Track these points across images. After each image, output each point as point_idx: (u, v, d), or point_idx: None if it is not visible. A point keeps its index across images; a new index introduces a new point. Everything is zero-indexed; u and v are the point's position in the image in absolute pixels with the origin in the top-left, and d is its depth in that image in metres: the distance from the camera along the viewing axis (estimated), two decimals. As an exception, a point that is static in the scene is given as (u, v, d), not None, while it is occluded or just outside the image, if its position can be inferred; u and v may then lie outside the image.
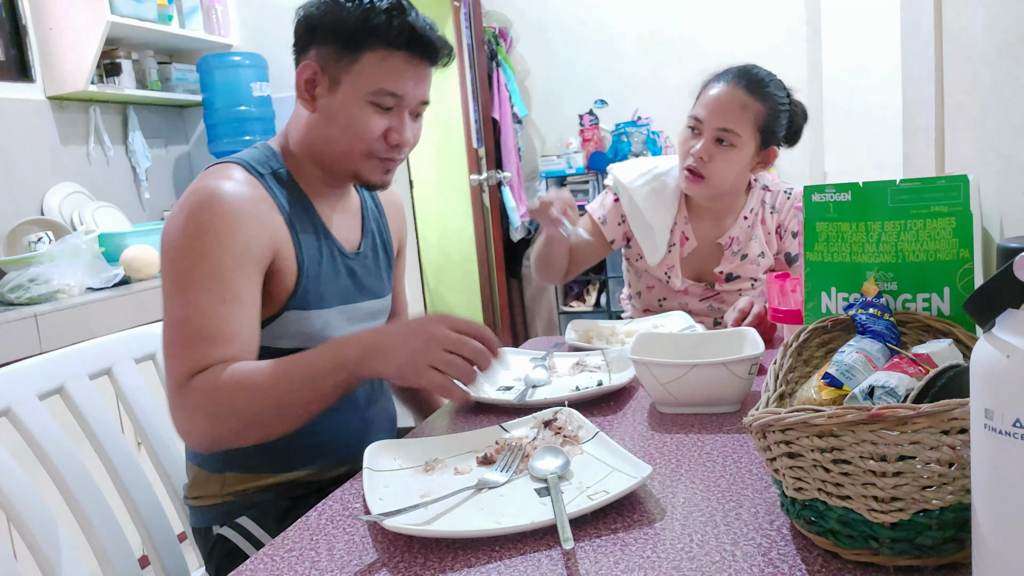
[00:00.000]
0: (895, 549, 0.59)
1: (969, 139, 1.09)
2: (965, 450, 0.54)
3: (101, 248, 2.53)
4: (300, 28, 1.13)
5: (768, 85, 1.52)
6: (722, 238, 1.63)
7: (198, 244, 1.01)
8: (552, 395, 1.12)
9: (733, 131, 1.49)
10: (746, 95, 1.49)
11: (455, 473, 0.88)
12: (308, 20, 1.12)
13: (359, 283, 1.21)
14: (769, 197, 1.64)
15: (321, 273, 1.13)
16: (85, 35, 2.73)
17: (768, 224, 1.64)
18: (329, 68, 1.10)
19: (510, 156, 3.90)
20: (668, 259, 1.65)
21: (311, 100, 1.12)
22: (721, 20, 3.68)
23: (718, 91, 1.52)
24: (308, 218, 1.14)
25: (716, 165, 1.51)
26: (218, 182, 1.05)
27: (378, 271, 1.26)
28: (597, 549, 0.68)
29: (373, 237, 1.26)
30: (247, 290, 1.03)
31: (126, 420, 1.38)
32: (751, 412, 0.64)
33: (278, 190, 1.12)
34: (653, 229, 1.64)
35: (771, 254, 1.64)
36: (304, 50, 1.12)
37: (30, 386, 1.06)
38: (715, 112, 1.50)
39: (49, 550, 0.99)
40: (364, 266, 1.22)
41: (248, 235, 1.03)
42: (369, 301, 1.23)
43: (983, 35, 0.98)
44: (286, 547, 0.75)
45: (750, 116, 1.49)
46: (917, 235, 0.80)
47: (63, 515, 1.04)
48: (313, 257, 1.13)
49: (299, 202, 1.14)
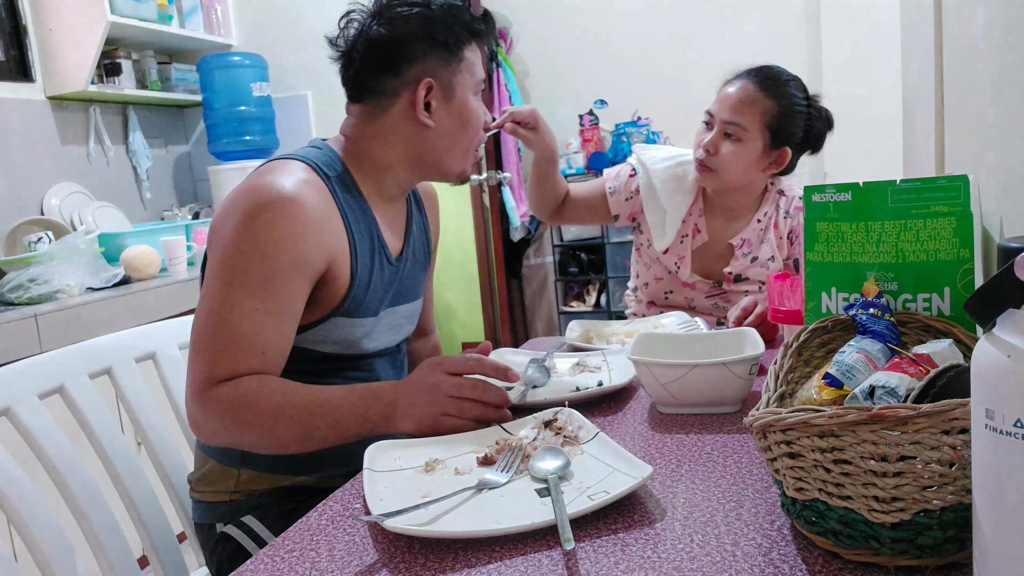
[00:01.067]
0: (896, 549, 0.59)
1: (969, 139, 1.09)
2: (966, 450, 0.54)
3: (101, 248, 2.52)
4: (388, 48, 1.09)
5: (785, 84, 1.54)
6: (734, 238, 1.64)
7: (256, 247, 0.99)
8: (552, 395, 1.12)
9: (739, 124, 1.52)
10: (757, 90, 1.52)
11: (455, 473, 0.88)
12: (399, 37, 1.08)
13: (399, 289, 1.20)
14: (784, 202, 1.65)
15: (371, 282, 1.13)
16: (85, 35, 2.73)
17: (781, 229, 1.64)
18: (441, 77, 1.10)
19: (510, 156, 3.90)
20: (679, 249, 1.66)
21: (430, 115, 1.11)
22: (721, 20, 3.68)
23: (729, 86, 1.56)
24: (366, 226, 1.13)
25: (722, 157, 1.54)
26: (285, 181, 1.02)
27: (415, 275, 1.25)
28: (597, 549, 0.68)
29: (413, 240, 1.25)
30: (293, 303, 1.02)
31: (126, 420, 1.38)
32: (751, 412, 0.64)
33: (342, 194, 1.10)
34: (665, 213, 1.65)
35: (781, 259, 1.64)
36: (397, 68, 1.09)
37: (30, 386, 1.06)
38: (724, 106, 1.54)
39: (49, 550, 0.99)
40: (404, 272, 1.21)
41: (308, 245, 1.01)
42: (404, 305, 1.23)
43: (983, 35, 0.98)
44: (286, 547, 0.75)
45: (758, 111, 1.52)
46: (917, 235, 0.80)
47: (63, 515, 1.04)
48: (366, 266, 1.11)
49: (360, 208, 1.12)
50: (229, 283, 0.99)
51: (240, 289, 0.98)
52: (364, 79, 1.12)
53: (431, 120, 1.12)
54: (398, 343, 1.25)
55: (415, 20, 1.08)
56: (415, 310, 1.27)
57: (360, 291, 1.11)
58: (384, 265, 1.15)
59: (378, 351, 1.19)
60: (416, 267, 1.25)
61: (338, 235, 1.07)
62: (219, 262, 1.00)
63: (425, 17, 1.08)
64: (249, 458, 1.11)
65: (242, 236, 0.99)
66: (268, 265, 0.99)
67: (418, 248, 1.26)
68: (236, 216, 1.00)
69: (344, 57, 1.13)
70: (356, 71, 1.12)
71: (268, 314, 0.99)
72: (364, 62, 1.10)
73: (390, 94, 1.11)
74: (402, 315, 1.23)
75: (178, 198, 3.51)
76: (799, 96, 1.55)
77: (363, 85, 1.12)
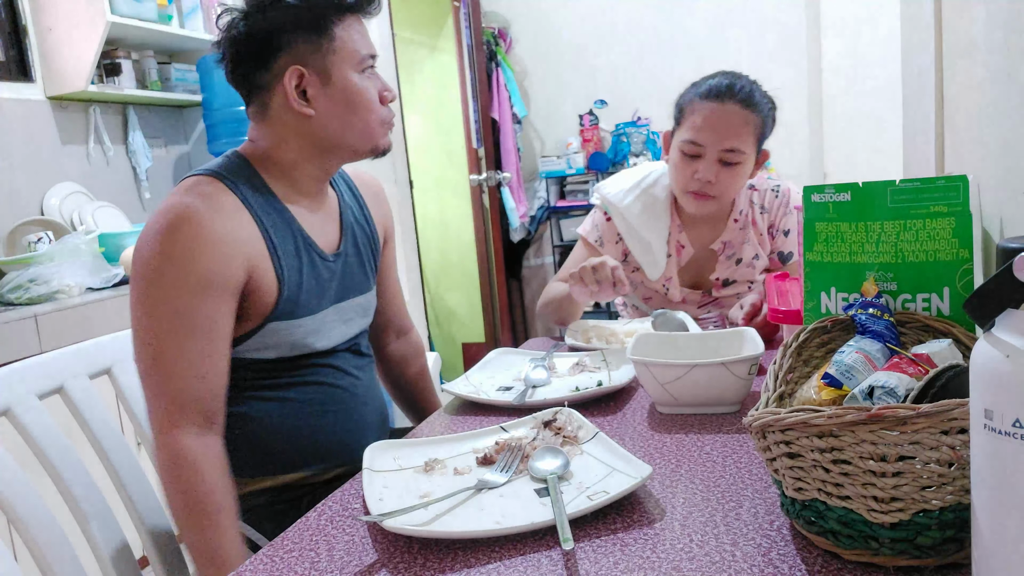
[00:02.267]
0: (895, 549, 0.59)
1: (969, 139, 1.09)
2: (965, 450, 0.54)
3: (101, 248, 2.52)
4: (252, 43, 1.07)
5: (755, 93, 1.48)
6: (715, 243, 1.62)
7: (168, 272, 0.99)
8: (552, 395, 1.12)
9: (739, 150, 1.46)
10: (744, 110, 1.45)
11: (455, 473, 0.88)
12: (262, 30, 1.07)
13: (344, 283, 1.19)
14: (756, 196, 1.61)
15: (303, 281, 1.11)
16: (85, 35, 2.73)
17: (759, 225, 1.61)
18: (313, 62, 1.07)
19: (509, 156, 3.90)
20: (666, 271, 1.63)
21: (308, 103, 1.09)
22: (721, 20, 3.68)
23: (714, 112, 1.46)
24: (286, 226, 1.11)
25: (723, 184, 1.48)
26: (190, 200, 1.02)
27: (361, 267, 1.24)
28: (597, 549, 0.68)
29: (353, 233, 1.23)
30: (216, 321, 1.02)
31: (126, 420, 1.38)
32: (751, 412, 0.64)
33: (254, 200, 1.09)
34: (651, 244, 1.62)
35: (765, 255, 1.62)
36: (265, 61, 1.08)
37: (30, 386, 1.06)
38: (719, 134, 1.45)
39: (49, 550, 0.99)
40: (347, 265, 1.20)
41: (220, 260, 1.01)
42: (355, 299, 1.22)
43: (983, 35, 0.98)
44: (285, 548, 0.75)
45: (751, 131, 1.46)
46: (917, 235, 0.80)
47: (63, 515, 1.04)
48: (293, 267, 1.10)
49: (276, 211, 1.11)
50: (152, 314, 1.01)
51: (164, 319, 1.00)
52: (239, 78, 1.11)
53: (310, 108, 1.09)
54: (355, 335, 1.24)
55: (272, 10, 1.06)
56: (368, 302, 1.26)
57: (292, 292, 1.10)
58: (316, 261, 1.14)
59: (333, 347, 1.18)
60: (360, 259, 1.24)
61: (254, 242, 1.06)
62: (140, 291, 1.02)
63: (282, 5, 1.06)
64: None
65: (154, 265, 1.00)
66: (180, 290, 1.00)
67: (360, 240, 1.24)
68: (149, 245, 1.01)
69: (220, 59, 1.12)
70: (231, 71, 1.11)
71: (194, 338, 1.01)
72: (235, 61, 1.10)
73: (266, 89, 1.09)
74: (352, 309, 1.22)
75: (178, 198, 3.50)
76: (765, 97, 1.51)
77: (241, 84, 1.11)
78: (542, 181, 3.98)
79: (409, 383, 1.45)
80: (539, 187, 4.04)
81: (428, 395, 1.46)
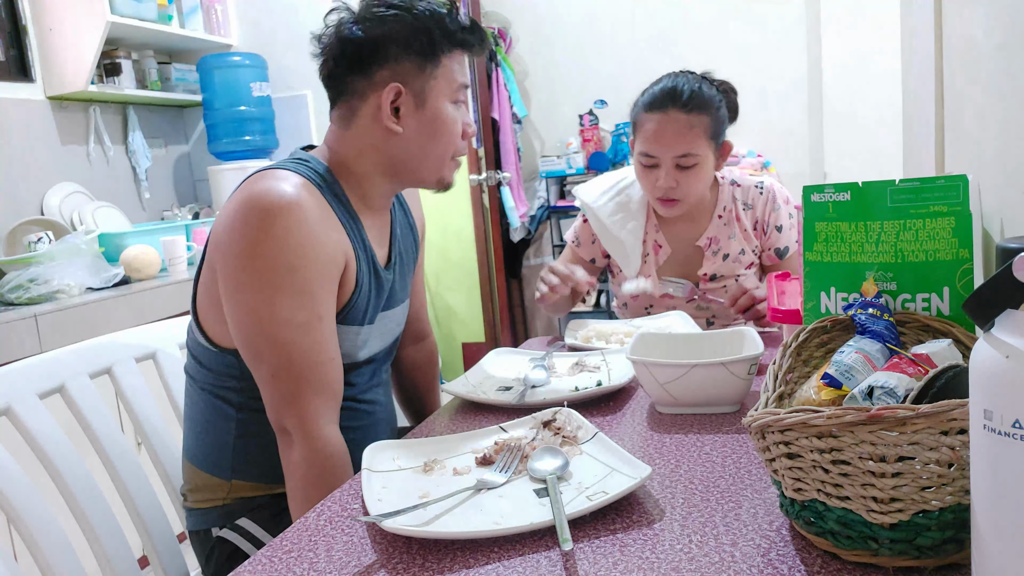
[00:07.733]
0: (894, 550, 0.59)
1: (969, 139, 1.09)
2: (964, 451, 0.54)
3: (101, 248, 2.53)
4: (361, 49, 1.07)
5: (700, 90, 1.49)
6: (700, 240, 1.63)
7: (283, 255, 0.97)
8: (551, 395, 1.12)
9: (692, 153, 1.48)
10: (688, 115, 1.47)
11: (454, 474, 0.88)
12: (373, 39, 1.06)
13: (390, 296, 1.19)
14: (740, 193, 1.64)
15: (368, 291, 1.12)
16: (85, 35, 2.73)
17: (744, 221, 1.63)
18: (413, 83, 1.08)
19: (509, 156, 3.90)
20: (644, 269, 1.66)
21: (398, 121, 1.09)
22: (721, 20, 3.67)
23: (660, 123, 1.49)
24: (358, 235, 1.11)
25: (685, 187, 1.52)
26: (285, 186, 1.00)
27: (403, 279, 1.24)
28: (596, 550, 0.68)
29: (399, 244, 1.23)
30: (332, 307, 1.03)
31: (126, 420, 1.38)
32: (750, 412, 0.64)
33: (334, 203, 1.08)
34: (624, 243, 1.65)
35: (751, 250, 1.63)
36: (367, 69, 1.07)
37: (30, 386, 1.07)
38: (667, 144, 1.48)
39: (49, 550, 0.99)
40: (393, 278, 1.20)
41: (329, 244, 1.01)
42: (394, 309, 1.22)
43: (983, 35, 0.98)
44: (284, 548, 0.75)
45: (700, 133, 1.48)
46: (917, 235, 0.80)
47: (63, 515, 1.04)
48: (364, 273, 1.10)
49: (352, 218, 1.11)
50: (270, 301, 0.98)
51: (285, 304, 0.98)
52: (336, 78, 1.10)
53: (399, 126, 1.08)
54: (388, 345, 1.24)
55: (391, 22, 1.06)
56: (403, 312, 1.26)
57: (361, 298, 1.10)
58: (380, 272, 1.15)
59: (368, 358, 1.18)
60: (404, 270, 1.24)
61: (344, 240, 1.06)
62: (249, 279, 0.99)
63: (402, 21, 1.06)
64: (240, 469, 1.12)
65: (264, 249, 0.97)
66: (302, 273, 0.98)
67: (404, 251, 1.25)
68: (247, 232, 0.98)
69: (322, 54, 1.11)
70: (329, 70, 1.10)
71: (322, 321, 1.00)
72: (337, 61, 1.09)
73: (359, 96, 1.09)
74: (392, 319, 1.22)
75: (178, 198, 3.51)
76: (712, 91, 1.52)
77: (335, 85, 1.11)
78: (542, 181, 3.98)
79: (419, 391, 1.45)
80: (539, 187, 4.04)
81: (431, 398, 1.46)
